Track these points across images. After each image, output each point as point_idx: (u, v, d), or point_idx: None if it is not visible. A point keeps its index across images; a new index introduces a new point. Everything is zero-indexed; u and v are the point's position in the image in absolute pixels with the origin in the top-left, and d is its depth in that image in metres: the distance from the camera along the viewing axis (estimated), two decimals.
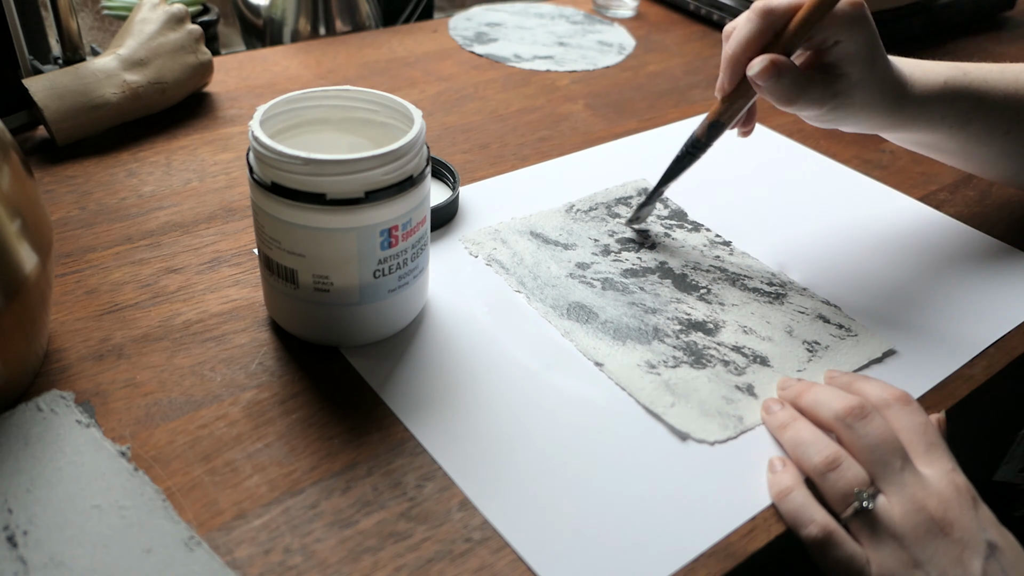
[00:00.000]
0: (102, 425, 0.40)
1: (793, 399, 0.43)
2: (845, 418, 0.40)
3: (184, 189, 0.59)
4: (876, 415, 0.40)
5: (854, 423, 0.39)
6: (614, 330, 0.49)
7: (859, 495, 0.37)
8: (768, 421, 0.43)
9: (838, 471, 0.38)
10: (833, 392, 0.42)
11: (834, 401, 0.41)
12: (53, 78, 0.61)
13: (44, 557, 0.34)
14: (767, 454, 0.42)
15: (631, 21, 0.98)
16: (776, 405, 0.43)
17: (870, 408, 0.40)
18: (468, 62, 0.84)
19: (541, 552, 0.36)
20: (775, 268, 0.55)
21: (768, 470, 0.41)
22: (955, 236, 0.61)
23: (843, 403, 0.40)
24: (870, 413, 0.39)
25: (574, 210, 0.60)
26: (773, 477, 0.40)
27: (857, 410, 0.39)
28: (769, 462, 0.41)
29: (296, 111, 0.45)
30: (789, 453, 0.41)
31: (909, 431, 0.39)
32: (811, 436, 0.40)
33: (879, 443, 0.38)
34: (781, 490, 0.39)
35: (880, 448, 0.38)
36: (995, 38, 1.00)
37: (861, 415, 0.39)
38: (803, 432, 0.41)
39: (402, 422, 0.42)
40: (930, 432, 0.40)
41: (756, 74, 0.47)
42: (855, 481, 0.38)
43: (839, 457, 0.39)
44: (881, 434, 0.39)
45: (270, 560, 0.35)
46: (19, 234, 0.37)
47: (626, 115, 0.75)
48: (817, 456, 0.39)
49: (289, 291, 0.43)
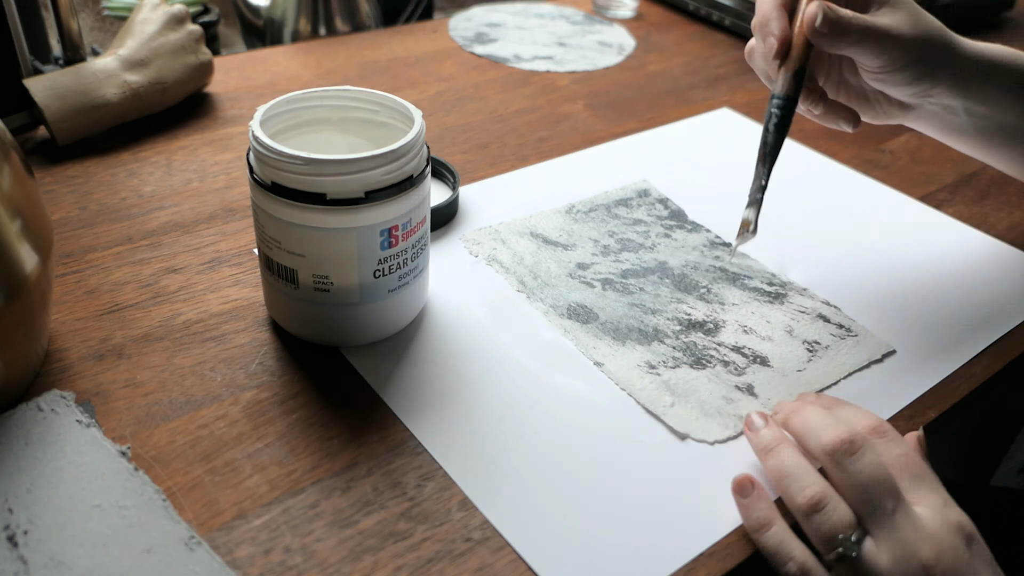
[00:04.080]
0: (102, 425, 0.40)
1: (782, 421, 0.41)
2: (834, 454, 0.37)
3: (184, 189, 0.59)
4: (867, 450, 0.36)
5: (843, 460, 0.36)
6: (614, 330, 0.49)
7: (845, 542, 0.35)
8: (752, 440, 0.40)
9: (823, 513, 0.35)
10: (823, 419, 0.39)
11: (822, 431, 0.38)
12: (54, 78, 0.61)
13: (44, 557, 0.34)
14: None
15: (631, 21, 0.98)
16: (759, 420, 0.41)
17: (860, 442, 0.37)
18: (468, 62, 0.84)
19: (541, 552, 0.36)
20: (775, 268, 0.55)
21: (737, 492, 0.38)
22: (955, 236, 0.61)
23: (832, 436, 0.37)
24: (860, 448, 0.36)
25: (574, 211, 0.60)
26: (747, 504, 0.37)
27: (847, 445, 0.36)
28: (737, 484, 0.38)
29: (296, 111, 0.45)
30: (771, 482, 0.38)
31: (895, 466, 0.37)
32: (796, 468, 0.37)
33: (870, 483, 0.36)
34: (758, 523, 0.37)
35: (871, 488, 0.35)
36: (995, 38, 1.00)
37: (851, 451, 0.36)
38: (787, 461, 0.38)
39: (402, 422, 0.42)
40: (914, 463, 0.37)
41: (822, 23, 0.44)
42: (841, 526, 0.35)
43: (825, 497, 0.36)
44: (872, 473, 0.36)
45: (270, 560, 0.35)
46: (20, 234, 0.37)
47: (626, 115, 0.75)
48: (801, 495, 0.36)
49: (289, 291, 0.44)
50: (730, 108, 0.77)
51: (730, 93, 0.81)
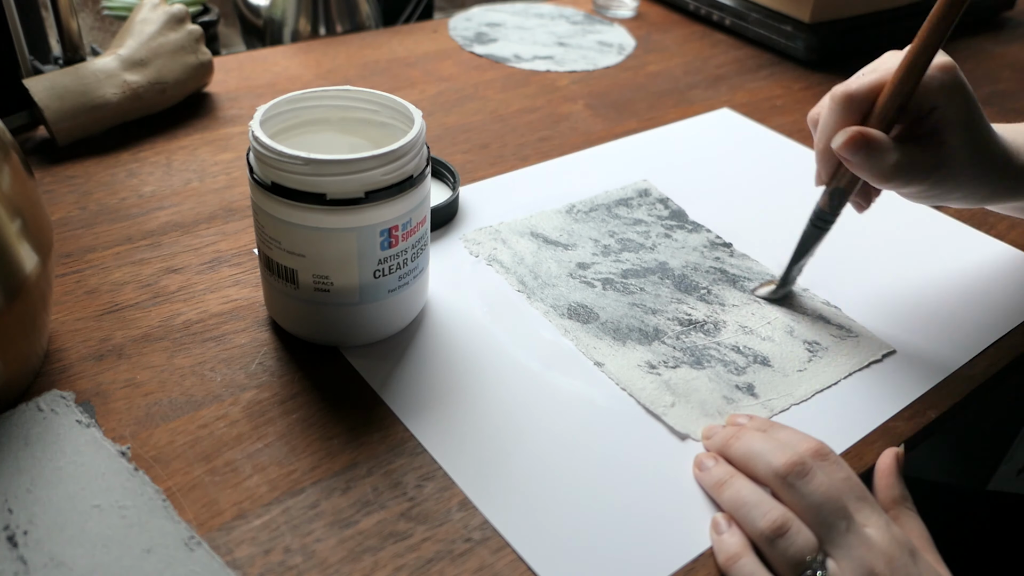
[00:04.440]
0: (102, 425, 0.40)
1: (720, 448, 0.41)
2: (786, 476, 0.37)
3: (184, 189, 0.59)
4: (816, 471, 0.37)
5: (796, 481, 0.37)
6: (614, 330, 0.49)
7: (812, 563, 0.35)
8: (702, 479, 0.40)
9: (786, 537, 0.36)
10: (766, 443, 0.39)
11: (771, 455, 0.38)
12: (53, 78, 0.61)
13: (44, 557, 0.34)
14: None
15: (631, 21, 0.98)
16: (709, 460, 0.40)
17: (811, 464, 0.37)
18: (468, 62, 0.84)
19: (541, 552, 0.36)
20: (776, 269, 0.55)
21: (712, 529, 0.38)
22: (955, 236, 0.61)
23: (782, 459, 0.37)
24: (810, 470, 0.37)
25: (575, 211, 0.60)
26: (719, 540, 0.37)
27: (799, 467, 0.37)
28: (713, 521, 0.38)
29: (296, 111, 0.45)
30: (731, 513, 0.38)
31: (842, 489, 0.37)
32: (752, 497, 0.38)
33: (824, 503, 0.36)
34: (729, 556, 0.36)
35: (825, 508, 0.36)
36: (995, 38, 1.00)
37: (802, 473, 0.37)
38: (743, 492, 0.38)
39: (402, 422, 0.42)
40: (856, 485, 0.37)
41: (840, 146, 0.43)
42: (805, 548, 0.35)
43: (787, 522, 0.36)
44: (825, 493, 0.36)
45: (270, 560, 0.35)
46: (19, 234, 0.37)
47: (626, 115, 0.75)
48: (763, 520, 0.36)
49: (289, 291, 0.44)
50: (730, 108, 0.77)
51: (730, 93, 0.81)
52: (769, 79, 0.84)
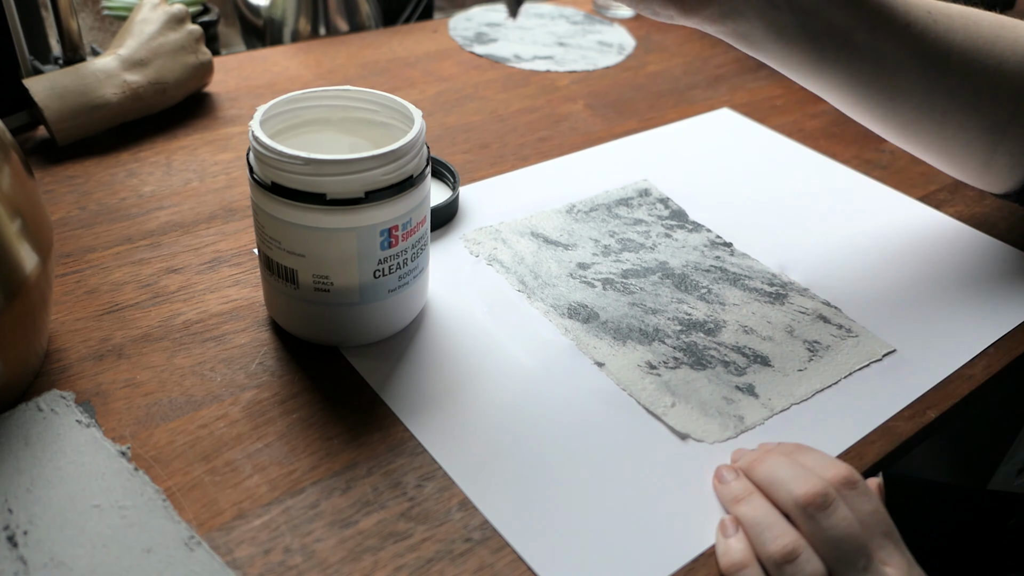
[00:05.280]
0: (102, 425, 0.40)
1: (745, 470, 0.40)
2: (807, 507, 0.36)
3: (184, 189, 0.59)
4: (839, 505, 0.36)
5: (816, 514, 0.35)
6: (615, 330, 0.49)
7: None
8: (720, 491, 0.40)
9: (795, 564, 0.35)
10: (790, 469, 0.38)
11: (793, 484, 0.37)
12: (53, 78, 0.61)
13: (44, 557, 0.34)
14: None
15: (631, 21, 0.98)
16: (730, 474, 0.40)
17: (833, 496, 0.36)
18: (468, 62, 0.84)
19: (541, 552, 0.36)
20: (776, 269, 0.55)
21: (719, 530, 0.38)
22: (955, 236, 0.61)
23: (804, 489, 0.36)
24: (833, 502, 0.36)
25: (575, 210, 0.60)
26: (724, 543, 0.37)
27: (821, 499, 0.36)
28: (721, 523, 0.38)
29: (296, 111, 0.45)
30: (743, 528, 0.38)
31: (866, 524, 0.36)
32: (767, 518, 0.37)
33: (844, 539, 0.35)
34: (733, 563, 0.36)
35: (845, 544, 0.35)
36: None
37: (824, 505, 0.35)
38: (759, 511, 0.37)
39: (402, 422, 0.42)
40: (882, 520, 0.36)
41: None
42: None
43: (797, 548, 0.35)
44: (845, 529, 0.35)
45: (270, 560, 0.35)
46: (19, 234, 0.37)
47: (626, 115, 0.75)
48: (773, 544, 0.36)
49: (289, 291, 0.43)
50: (730, 108, 0.77)
51: (730, 93, 0.81)
52: (769, 79, 0.84)
